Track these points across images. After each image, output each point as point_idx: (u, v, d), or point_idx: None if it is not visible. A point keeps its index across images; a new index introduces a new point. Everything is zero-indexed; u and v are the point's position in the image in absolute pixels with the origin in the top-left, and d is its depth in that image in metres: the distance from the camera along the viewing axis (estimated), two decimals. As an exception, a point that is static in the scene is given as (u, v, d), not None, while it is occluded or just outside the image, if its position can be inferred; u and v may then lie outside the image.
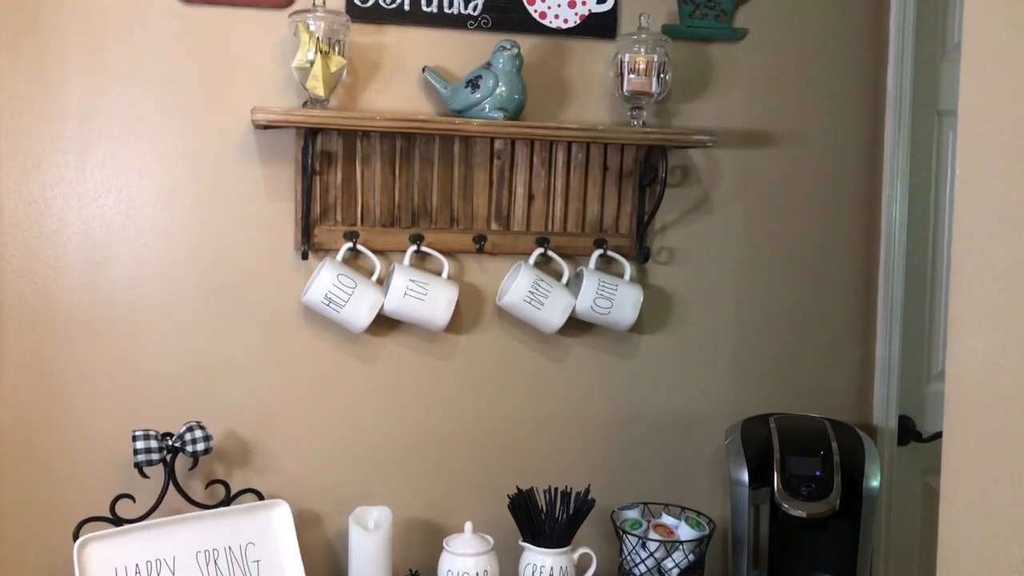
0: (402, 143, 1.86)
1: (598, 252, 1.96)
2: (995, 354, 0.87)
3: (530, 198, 1.94)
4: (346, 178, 1.85)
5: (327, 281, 1.78)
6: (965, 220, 0.89)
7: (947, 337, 0.92)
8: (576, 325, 1.96)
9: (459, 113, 1.82)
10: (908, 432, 2.21)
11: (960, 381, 0.91)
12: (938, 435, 2.19)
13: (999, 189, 0.86)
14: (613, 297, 1.91)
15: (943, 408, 2.34)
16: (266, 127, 1.78)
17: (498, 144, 1.91)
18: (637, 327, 1.98)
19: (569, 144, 1.93)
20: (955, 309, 0.90)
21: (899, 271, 2.15)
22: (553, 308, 1.88)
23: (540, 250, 1.93)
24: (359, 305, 1.79)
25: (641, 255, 1.99)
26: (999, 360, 0.87)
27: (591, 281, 1.90)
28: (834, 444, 1.83)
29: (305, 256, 1.83)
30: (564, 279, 1.94)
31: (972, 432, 0.92)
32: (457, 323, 1.93)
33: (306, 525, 1.87)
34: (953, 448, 0.95)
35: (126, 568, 1.63)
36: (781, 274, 2.10)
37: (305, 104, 1.77)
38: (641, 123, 1.90)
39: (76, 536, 1.62)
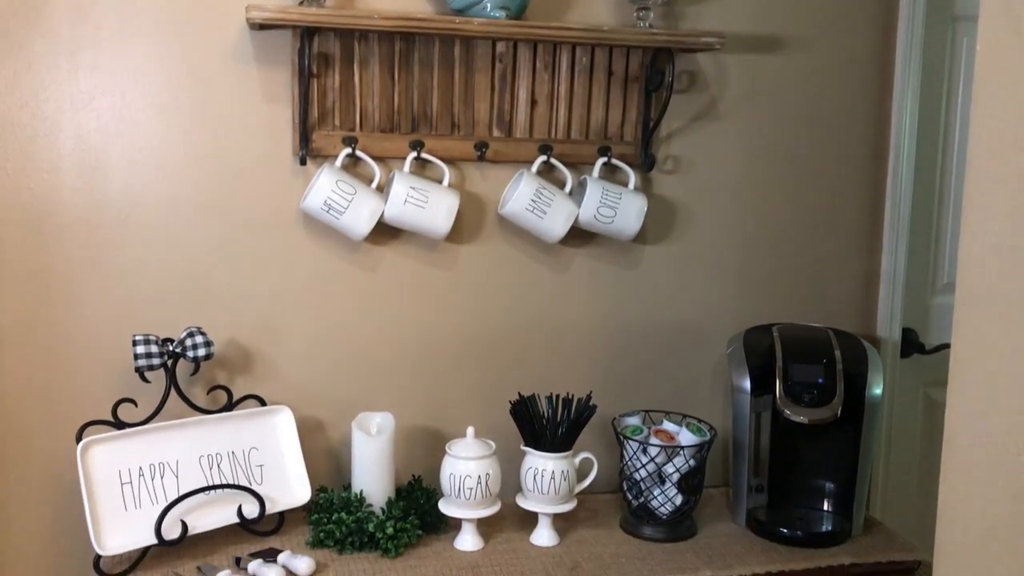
0: (401, 45, 1.81)
1: (602, 160, 1.93)
2: (1011, 236, 0.85)
3: (533, 103, 1.90)
4: (344, 81, 1.80)
5: (326, 187, 1.75)
6: (985, 91, 0.86)
7: (962, 219, 0.90)
8: (579, 235, 1.94)
9: (460, 12, 1.76)
10: (911, 344, 2.20)
11: (974, 264, 0.89)
12: (941, 347, 2.20)
13: (1021, 61, 0.83)
14: (617, 206, 1.88)
15: (947, 320, 2.34)
16: (262, 27, 1.73)
17: (500, 47, 1.86)
18: (640, 237, 1.96)
19: (573, 47, 1.88)
20: (971, 186, 0.87)
21: (907, 182, 2.12)
22: (556, 217, 1.86)
23: (543, 158, 1.89)
24: (359, 212, 1.77)
25: (646, 163, 1.96)
26: (1015, 242, 0.84)
27: (594, 190, 1.87)
28: (837, 352, 1.82)
29: (303, 162, 1.80)
30: (567, 188, 1.91)
31: (984, 316, 0.90)
32: (458, 232, 1.91)
33: (308, 432, 1.88)
34: (963, 334, 0.93)
35: (129, 471, 1.64)
36: (788, 184, 2.07)
37: (302, 3, 1.72)
38: (647, 25, 1.84)
39: (79, 439, 1.62)
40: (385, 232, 1.86)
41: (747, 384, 1.82)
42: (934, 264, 2.25)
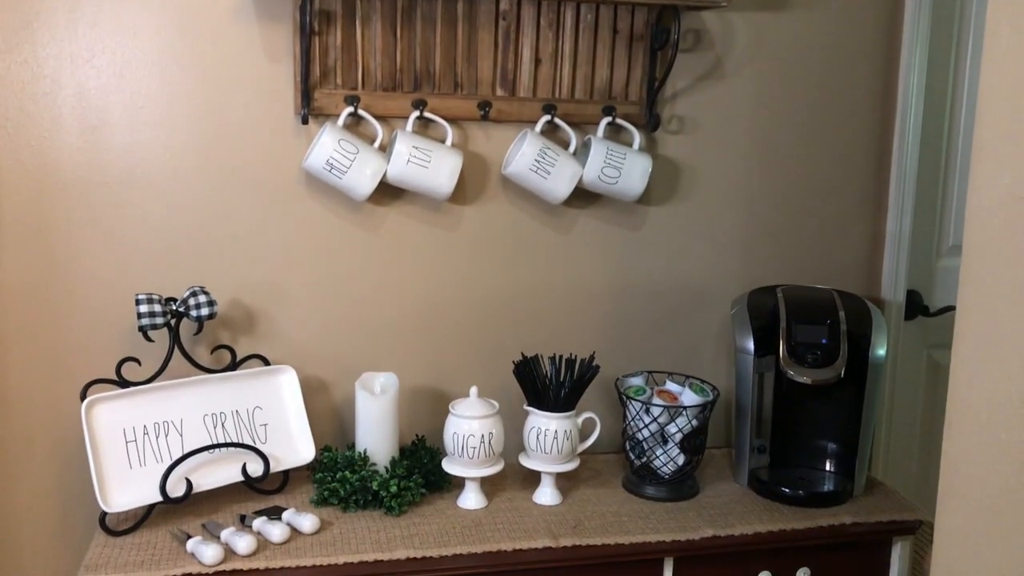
0: (403, 1, 1.79)
1: (606, 120, 1.91)
2: (1020, 188, 0.84)
3: (537, 62, 1.88)
4: (346, 39, 1.79)
5: (328, 146, 1.74)
6: (996, 41, 0.84)
7: (970, 171, 0.89)
8: (583, 196, 1.93)
9: (463, -31, 1.74)
10: (916, 307, 2.20)
11: (982, 216, 0.88)
12: (946, 309, 2.19)
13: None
14: (621, 166, 1.87)
15: (953, 282, 2.33)
16: (262, -17, 1.71)
17: (503, 3, 1.83)
18: (645, 198, 1.95)
19: (578, 4, 1.86)
20: (981, 136, 0.86)
21: (914, 143, 2.10)
22: (560, 177, 1.85)
23: (547, 117, 1.88)
24: (362, 172, 1.76)
25: (651, 123, 1.94)
26: (1024, 193, 0.83)
27: (599, 150, 1.86)
28: (841, 313, 1.81)
29: (305, 121, 1.79)
30: (571, 148, 1.90)
31: (992, 269, 0.89)
32: (461, 193, 1.90)
33: (312, 392, 1.88)
34: (970, 287, 0.93)
35: (134, 429, 1.64)
36: (793, 145, 2.06)
37: (302, -42, 1.70)
38: (653, -18, 1.82)
39: (83, 398, 1.62)
40: (388, 192, 1.85)
41: (750, 345, 1.82)
42: (940, 226, 2.23)
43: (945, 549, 1.00)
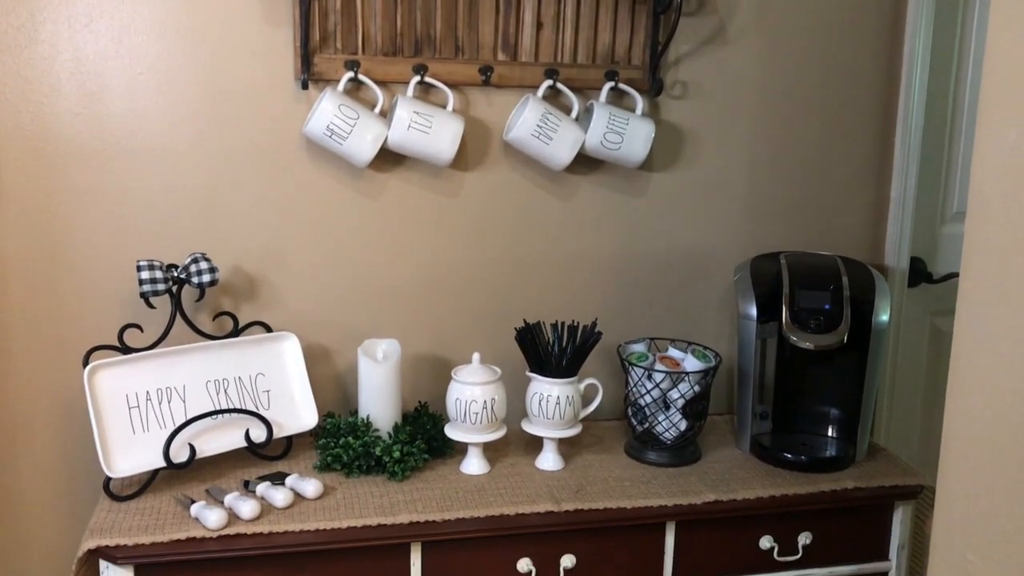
0: (404, -35, 1.77)
1: (609, 85, 1.89)
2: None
3: (539, 26, 1.86)
4: (346, 2, 1.77)
5: (329, 112, 1.73)
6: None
7: (977, 124, 0.88)
8: (585, 162, 1.92)
9: (464, -70, 1.72)
10: (919, 274, 2.19)
11: (989, 170, 0.87)
12: (949, 276, 2.19)
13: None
14: (624, 132, 1.85)
15: (956, 249, 2.32)
16: (260, -54, 1.69)
17: (505, -33, 1.82)
18: (647, 164, 1.94)
19: (580, -33, 1.84)
20: (988, 90, 0.85)
21: (919, 110, 2.08)
22: (562, 143, 1.83)
23: (549, 82, 1.86)
24: (362, 137, 1.75)
25: (654, 88, 1.93)
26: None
27: (601, 115, 1.84)
28: (844, 279, 1.81)
29: (305, 86, 1.77)
30: (573, 113, 1.88)
31: (999, 225, 0.88)
32: (463, 159, 1.89)
33: (315, 359, 1.88)
34: (976, 243, 0.92)
35: (136, 395, 1.65)
36: (797, 110, 2.04)
37: (301, -80, 1.68)
38: (656, -57, 1.80)
39: (86, 363, 1.62)
40: (388, 159, 1.84)
41: (753, 311, 1.81)
42: (944, 193, 2.22)
43: (947, 511, 1.00)
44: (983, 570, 0.94)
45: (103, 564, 1.47)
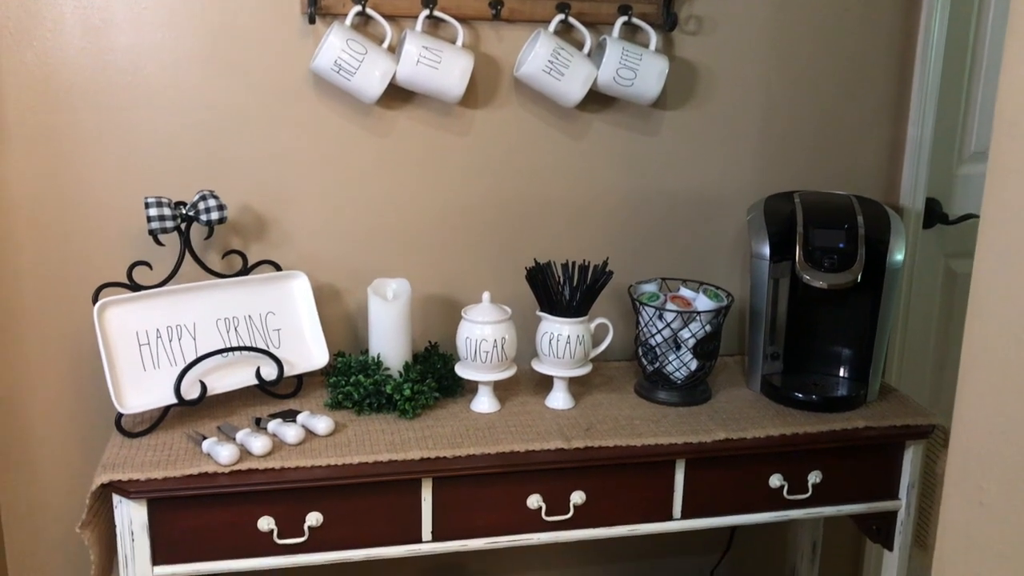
0: None
1: (622, 19, 1.85)
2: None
3: (550, -42, 1.82)
4: (353, -66, 1.73)
5: (336, 46, 1.70)
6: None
7: (1004, 46, 0.85)
8: (597, 99, 1.88)
9: None
10: (934, 214, 2.16)
11: (1016, 92, 0.85)
12: (966, 217, 2.16)
13: None
14: (637, 68, 1.82)
15: (973, 190, 2.29)
16: None
17: None
18: (660, 102, 1.91)
19: None
20: (1016, 14, 0.82)
21: (938, 47, 2.03)
22: (573, 79, 1.80)
23: (560, 16, 1.82)
24: (370, 73, 1.72)
25: (668, 23, 1.89)
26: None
27: (614, 50, 1.81)
28: (859, 218, 1.78)
29: (312, 20, 1.74)
30: (586, 48, 1.85)
31: (1019, 151, 0.86)
32: (473, 96, 1.86)
33: (324, 299, 1.88)
34: (1000, 167, 0.90)
35: (147, 332, 1.64)
36: (814, 47, 2.00)
37: None
38: None
39: (95, 301, 1.62)
40: (397, 95, 1.81)
41: (766, 250, 1.79)
42: (962, 132, 2.18)
43: (962, 440, 0.99)
44: (997, 498, 0.94)
45: (116, 498, 1.49)
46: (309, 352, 1.78)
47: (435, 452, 1.57)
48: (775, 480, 1.72)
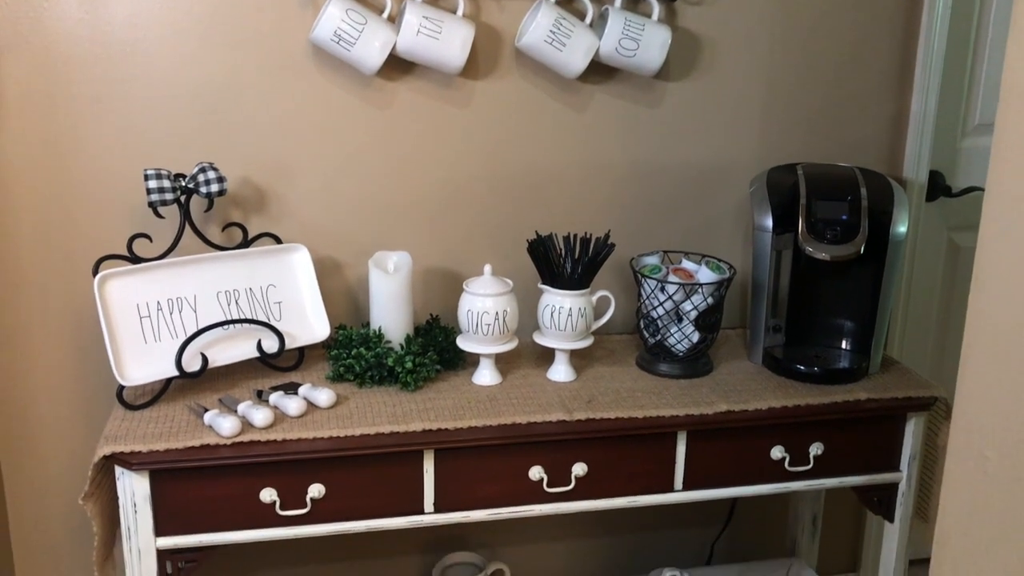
0: None
1: (624, -11, 1.84)
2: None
3: (552, -74, 1.79)
4: (352, -99, 1.70)
5: (336, 16, 1.68)
6: None
7: (1008, 42, 0.84)
8: (599, 70, 1.87)
9: None
10: (938, 187, 2.15)
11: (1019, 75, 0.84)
12: (969, 190, 2.15)
13: None
14: (639, 38, 1.80)
15: (976, 163, 2.28)
16: None
17: None
18: (663, 73, 1.89)
19: None
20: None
21: (943, 18, 2.01)
22: (575, 49, 1.79)
23: (562, -14, 1.81)
24: (370, 43, 1.70)
25: (670, -7, 1.87)
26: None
27: (616, 20, 1.79)
28: (863, 190, 1.77)
29: (312, -11, 1.72)
30: (588, 19, 1.83)
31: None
32: (474, 67, 1.85)
33: (325, 272, 1.87)
34: (1002, 146, 0.89)
35: (147, 304, 1.64)
36: (818, 18, 1.98)
37: None
38: None
39: (95, 273, 1.61)
40: (397, 66, 1.80)
41: (769, 222, 1.79)
42: (966, 105, 2.17)
43: (966, 408, 0.99)
44: (999, 465, 0.94)
45: (118, 470, 1.49)
46: (310, 325, 1.78)
47: (437, 424, 1.57)
48: (776, 452, 1.72)
